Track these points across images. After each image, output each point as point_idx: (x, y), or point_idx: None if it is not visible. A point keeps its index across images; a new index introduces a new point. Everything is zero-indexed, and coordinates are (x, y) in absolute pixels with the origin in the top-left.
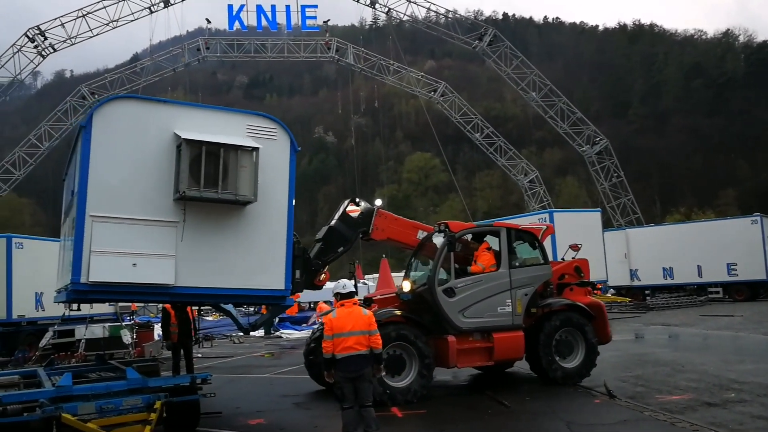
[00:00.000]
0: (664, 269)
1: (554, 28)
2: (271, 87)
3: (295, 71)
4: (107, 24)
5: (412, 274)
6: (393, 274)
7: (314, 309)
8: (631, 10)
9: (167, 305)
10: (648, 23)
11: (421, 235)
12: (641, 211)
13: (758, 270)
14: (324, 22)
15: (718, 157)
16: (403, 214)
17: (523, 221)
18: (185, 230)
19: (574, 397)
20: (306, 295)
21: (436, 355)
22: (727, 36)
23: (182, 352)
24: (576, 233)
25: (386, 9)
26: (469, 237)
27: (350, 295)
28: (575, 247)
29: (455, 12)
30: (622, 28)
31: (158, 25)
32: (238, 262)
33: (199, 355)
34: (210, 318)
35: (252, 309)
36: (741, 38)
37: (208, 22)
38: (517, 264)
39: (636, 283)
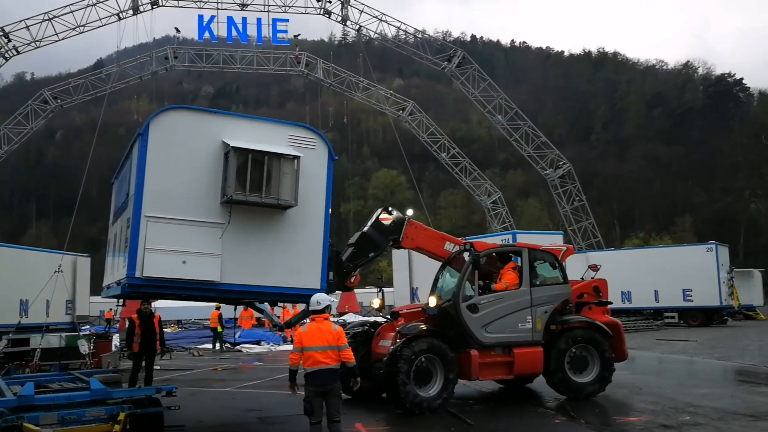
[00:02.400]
0: (622, 293)
1: (521, 52)
2: (237, 98)
3: (262, 83)
4: (74, 29)
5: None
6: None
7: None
8: (595, 37)
9: (134, 315)
10: (612, 51)
11: (449, 246)
12: (601, 235)
13: (712, 296)
14: (294, 36)
15: (676, 184)
16: None
17: (486, 241)
18: (229, 231)
19: (535, 417)
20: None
21: (459, 367)
22: (687, 68)
23: (144, 363)
24: None
25: (357, 26)
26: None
27: (323, 310)
28: (594, 268)
29: (424, 32)
30: (587, 54)
31: (126, 32)
32: (278, 262)
33: (158, 368)
34: (168, 330)
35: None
36: (700, 70)
37: (177, 31)
38: (537, 282)
39: None
